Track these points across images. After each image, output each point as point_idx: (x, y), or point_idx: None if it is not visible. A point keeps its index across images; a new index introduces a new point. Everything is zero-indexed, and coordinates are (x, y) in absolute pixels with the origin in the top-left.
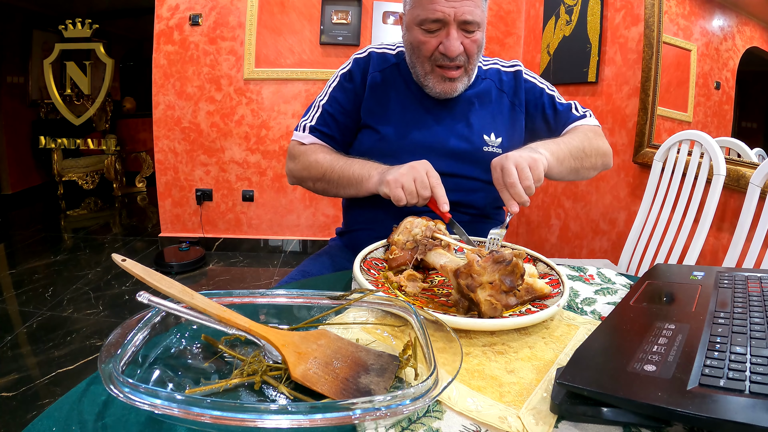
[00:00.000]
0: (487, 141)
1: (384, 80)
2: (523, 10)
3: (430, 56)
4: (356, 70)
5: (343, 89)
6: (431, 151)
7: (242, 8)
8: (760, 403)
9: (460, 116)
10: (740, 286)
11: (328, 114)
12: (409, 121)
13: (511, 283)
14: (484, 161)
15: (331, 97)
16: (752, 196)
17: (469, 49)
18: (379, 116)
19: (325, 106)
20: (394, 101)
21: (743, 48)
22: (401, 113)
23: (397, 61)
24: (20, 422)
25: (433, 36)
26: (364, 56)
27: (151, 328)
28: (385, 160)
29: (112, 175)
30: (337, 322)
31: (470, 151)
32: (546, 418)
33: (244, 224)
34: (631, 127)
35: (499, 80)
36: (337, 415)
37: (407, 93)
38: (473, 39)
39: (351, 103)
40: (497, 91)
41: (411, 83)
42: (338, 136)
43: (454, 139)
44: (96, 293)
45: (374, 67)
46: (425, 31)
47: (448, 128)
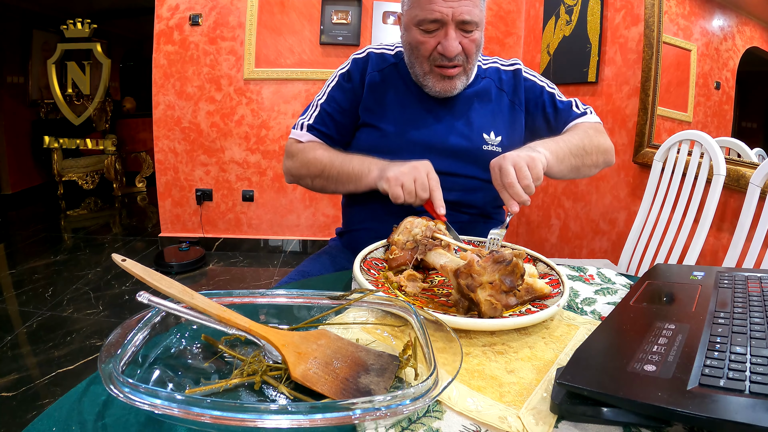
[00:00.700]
0: (487, 140)
1: (383, 79)
2: (523, 10)
3: (429, 56)
4: (355, 70)
5: (342, 89)
6: (430, 149)
7: (242, 8)
8: (760, 403)
9: (459, 115)
10: (740, 286)
11: (326, 113)
12: (409, 119)
13: (511, 283)
14: (483, 160)
15: (329, 96)
16: (752, 196)
17: (467, 48)
18: (379, 115)
19: (323, 105)
20: (393, 100)
21: (743, 48)
22: (400, 112)
23: (395, 61)
24: (20, 422)
25: (431, 36)
26: (363, 56)
27: (151, 328)
28: (385, 157)
29: (112, 175)
30: (337, 322)
31: (470, 150)
32: (546, 418)
33: (244, 224)
34: (631, 127)
35: (498, 79)
36: (337, 415)
37: (406, 92)
38: (472, 39)
39: (349, 103)
40: (497, 90)
41: (410, 82)
42: (336, 135)
43: (453, 137)
44: (96, 293)
45: (373, 66)
46: (423, 31)
47: (448, 127)
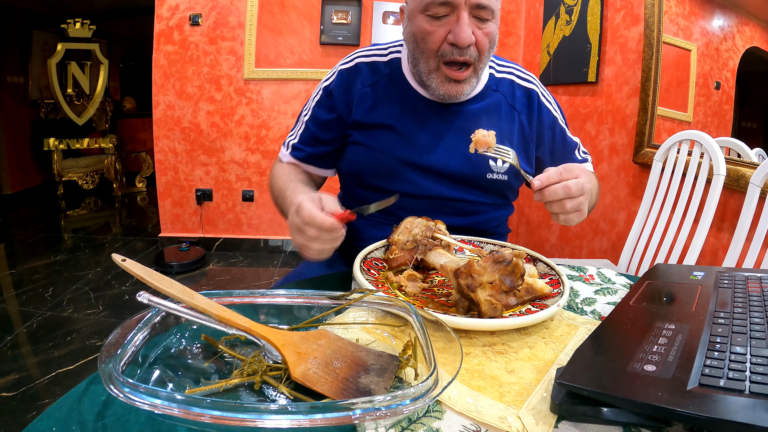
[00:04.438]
0: (492, 167)
1: (375, 95)
2: (523, 10)
3: (437, 49)
4: (338, 86)
5: (325, 105)
6: (427, 172)
7: (242, 8)
8: (760, 403)
9: (463, 134)
10: (740, 286)
11: (310, 132)
12: (403, 138)
13: (511, 283)
14: (486, 188)
15: (313, 113)
16: (752, 196)
17: (480, 42)
18: (368, 134)
19: (308, 122)
20: (386, 116)
21: (743, 48)
22: (394, 130)
23: (389, 71)
24: (20, 422)
25: (440, 24)
26: (350, 67)
27: (151, 328)
28: (378, 181)
29: (112, 175)
30: (337, 322)
31: (472, 178)
32: (546, 418)
33: (244, 224)
34: (631, 127)
35: (511, 95)
36: (337, 415)
37: (403, 106)
38: (486, 31)
39: (334, 120)
40: (508, 108)
41: (408, 93)
42: (321, 152)
43: (454, 161)
44: (96, 293)
45: (363, 81)
46: (431, 17)
47: (449, 149)
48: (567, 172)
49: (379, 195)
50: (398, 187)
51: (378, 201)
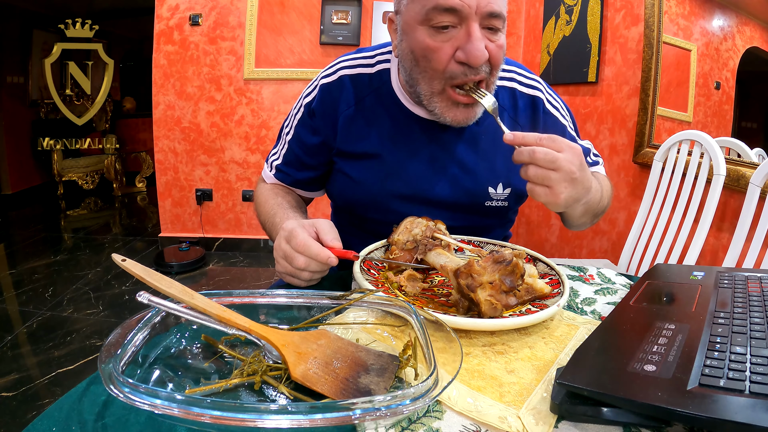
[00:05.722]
0: (492, 194)
1: (361, 115)
2: (523, 10)
3: (444, 70)
4: (321, 107)
5: (308, 127)
6: (419, 202)
7: (242, 8)
8: (760, 403)
9: (460, 157)
10: (740, 286)
11: (293, 154)
12: (393, 169)
13: (511, 283)
14: (486, 214)
15: (296, 133)
16: (752, 196)
17: (495, 56)
18: (355, 165)
19: (291, 143)
20: (374, 144)
21: (743, 48)
22: (383, 160)
23: (377, 85)
24: (20, 422)
25: (446, 39)
26: (333, 81)
27: (151, 328)
28: (368, 213)
29: (112, 175)
30: (337, 322)
31: (469, 206)
32: (546, 418)
33: (244, 224)
34: (631, 127)
35: (513, 106)
36: (337, 415)
37: (392, 130)
38: (499, 43)
39: (319, 146)
40: (510, 121)
41: (397, 110)
42: (307, 178)
43: (449, 190)
44: (96, 293)
45: (347, 101)
46: (434, 30)
47: (444, 178)
48: (549, 140)
49: (371, 225)
50: (392, 218)
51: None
